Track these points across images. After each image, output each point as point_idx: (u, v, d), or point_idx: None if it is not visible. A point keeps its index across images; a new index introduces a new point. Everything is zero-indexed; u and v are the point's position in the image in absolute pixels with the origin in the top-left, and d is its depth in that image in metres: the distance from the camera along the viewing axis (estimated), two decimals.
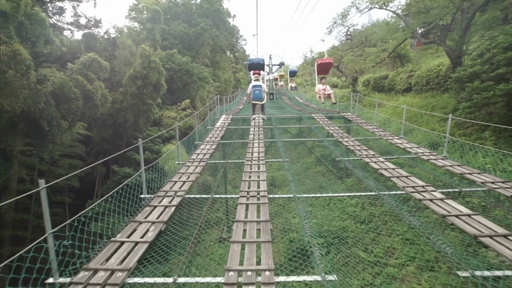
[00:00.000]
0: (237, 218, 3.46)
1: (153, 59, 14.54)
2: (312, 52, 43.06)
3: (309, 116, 11.77)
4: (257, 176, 4.99)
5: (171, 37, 24.77)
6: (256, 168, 5.41)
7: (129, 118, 14.91)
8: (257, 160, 5.96)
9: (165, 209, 3.72)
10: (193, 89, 24.51)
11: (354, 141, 7.63)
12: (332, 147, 8.26)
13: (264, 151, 6.89)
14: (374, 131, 8.68)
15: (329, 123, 10.03)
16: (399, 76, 18.09)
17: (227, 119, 11.16)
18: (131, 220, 3.42)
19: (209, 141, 7.88)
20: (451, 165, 5.29)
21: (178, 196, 4.20)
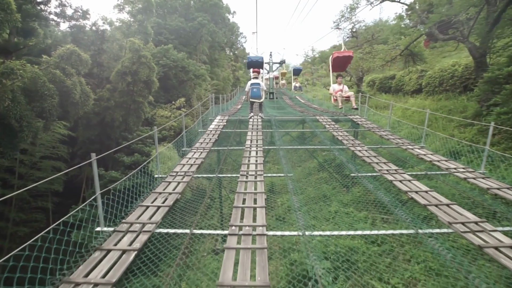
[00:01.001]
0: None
1: (143, 53, 13.37)
2: (314, 50, 41.93)
3: (313, 118, 10.64)
4: (253, 199, 3.87)
5: (166, 31, 23.55)
6: (252, 188, 4.28)
7: (117, 117, 13.76)
8: (254, 175, 4.83)
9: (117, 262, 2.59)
10: (189, 87, 23.34)
11: (368, 151, 6.51)
12: (341, 157, 7.16)
13: (263, 161, 5.76)
14: (389, 138, 7.56)
15: (336, 127, 8.90)
16: (408, 77, 16.99)
17: (223, 120, 10.02)
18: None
19: (198, 148, 6.74)
20: (498, 187, 4.18)
21: (144, 232, 3.07)
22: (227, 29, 41.97)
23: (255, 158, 5.84)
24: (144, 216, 3.41)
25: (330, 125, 9.24)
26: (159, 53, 20.78)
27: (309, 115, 11.50)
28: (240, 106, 18.22)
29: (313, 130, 8.95)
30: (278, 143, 7.35)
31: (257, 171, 5.00)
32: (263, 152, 6.26)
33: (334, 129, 8.75)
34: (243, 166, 5.35)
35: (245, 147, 6.79)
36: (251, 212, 3.45)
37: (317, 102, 21.97)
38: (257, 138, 7.70)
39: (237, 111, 14.68)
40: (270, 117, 10.85)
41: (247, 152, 6.24)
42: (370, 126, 9.20)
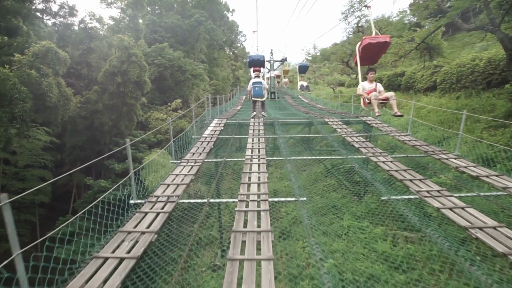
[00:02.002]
0: None
1: (133, 51, 12.27)
2: (316, 48, 40.76)
3: (321, 120, 9.51)
4: (255, 244, 2.74)
5: (162, 29, 22.45)
6: (254, 224, 3.15)
7: (107, 121, 12.68)
8: (256, 201, 3.71)
9: None
10: (187, 88, 22.23)
11: (394, 162, 5.37)
12: (353, 163, 6.04)
13: (267, 178, 4.65)
14: (414, 144, 6.41)
15: (349, 132, 7.76)
16: (419, 73, 15.80)
17: (219, 125, 8.91)
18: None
19: (189, 161, 5.63)
20: None
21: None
22: (226, 27, 40.84)
23: (257, 174, 4.72)
24: None
25: (342, 129, 8.10)
26: (153, 52, 19.67)
27: (316, 117, 10.37)
28: (240, 107, 17.09)
29: (322, 135, 7.80)
30: (285, 152, 6.21)
31: (261, 195, 3.87)
32: (266, 166, 5.13)
33: (347, 134, 7.60)
34: (242, 187, 4.23)
35: (245, 158, 5.67)
36: (253, 273, 2.31)
37: (321, 102, 20.83)
38: (259, 145, 6.57)
39: (237, 113, 13.56)
40: (273, 120, 9.73)
41: (248, 166, 5.12)
42: (388, 129, 8.04)
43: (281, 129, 8.94)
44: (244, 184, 4.32)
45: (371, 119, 9.51)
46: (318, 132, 9.14)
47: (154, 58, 19.51)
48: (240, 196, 3.85)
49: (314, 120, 9.61)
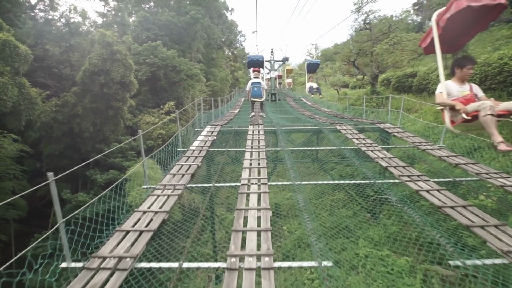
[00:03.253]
0: None
1: (117, 48, 10.87)
2: (317, 48, 39.46)
3: (332, 127, 8.13)
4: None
5: (155, 27, 21.09)
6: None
7: (87, 126, 11.28)
8: (254, 268, 2.32)
9: None
10: (182, 89, 20.87)
11: (442, 191, 3.97)
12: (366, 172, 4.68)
13: (270, 222, 3.25)
14: (458, 163, 5.01)
15: (369, 144, 6.38)
16: (434, 73, 14.44)
17: (212, 133, 7.52)
18: None
19: (167, 187, 4.25)
20: None
21: None
22: (225, 26, 39.56)
23: (255, 213, 3.32)
24: None
25: (359, 140, 6.71)
26: (146, 50, 18.31)
27: (324, 123, 8.99)
28: (238, 110, 15.70)
29: (336, 147, 6.40)
30: (293, 175, 4.83)
31: (262, 257, 2.47)
32: (268, 199, 3.74)
33: (367, 146, 6.21)
34: (234, 237, 2.83)
35: (240, 184, 4.28)
36: None
37: (325, 104, 19.46)
38: (259, 163, 5.18)
39: (234, 117, 12.18)
40: (275, 126, 8.35)
41: (243, 199, 3.72)
42: (414, 140, 6.64)
43: (284, 138, 7.54)
44: (237, 233, 2.91)
45: (390, 126, 8.13)
46: (329, 141, 7.77)
47: (146, 57, 18.15)
48: (231, 260, 2.44)
49: (323, 127, 8.22)
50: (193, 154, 5.81)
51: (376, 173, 5.38)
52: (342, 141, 7.84)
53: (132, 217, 3.38)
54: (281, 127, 8.41)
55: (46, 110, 10.58)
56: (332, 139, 7.09)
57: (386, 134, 8.02)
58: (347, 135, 7.27)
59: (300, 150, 6.92)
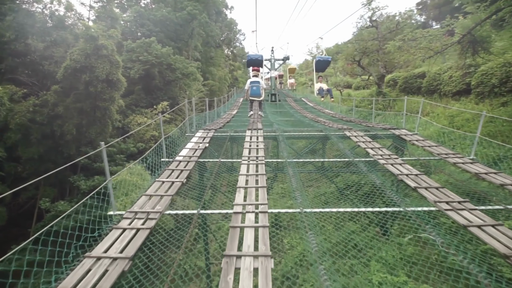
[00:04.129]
0: None
1: (102, 43, 9.85)
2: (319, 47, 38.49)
3: (340, 134, 7.17)
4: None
5: (150, 23, 20.04)
6: None
7: (70, 128, 10.26)
8: None
9: None
10: (179, 88, 19.87)
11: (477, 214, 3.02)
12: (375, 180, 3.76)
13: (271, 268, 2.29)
14: (505, 184, 4.04)
15: (388, 156, 5.41)
16: (447, 74, 13.51)
17: (204, 139, 6.55)
18: None
19: (137, 215, 3.29)
20: None
21: None
22: (224, 24, 38.57)
23: (250, 263, 2.36)
24: None
25: (374, 150, 5.75)
26: (139, 47, 17.30)
27: (330, 128, 8.02)
28: (236, 111, 14.70)
29: (349, 159, 5.42)
30: (300, 199, 3.88)
31: None
32: (269, 234, 2.78)
33: (384, 158, 5.24)
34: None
35: (232, 212, 3.31)
36: None
37: (328, 106, 18.50)
38: (257, 182, 4.21)
39: (231, 119, 11.20)
40: (276, 131, 7.39)
41: (235, 236, 2.75)
42: (440, 151, 5.67)
43: (287, 146, 6.57)
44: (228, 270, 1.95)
45: (407, 133, 7.17)
46: (338, 150, 6.81)
47: (139, 54, 17.15)
48: None
49: (331, 133, 7.26)
50: (179, 167, 4.82)
51: (393, 186, 4.43)
52: (351, 148, 6.89)
53: (80, 267, 2.41)
54: (283, 132, 7.45)
55: (21, 111, 9.58)
56: (342, 148, 6.12)
57: (400, 141, 7.07)
58: (359, 143, 6.31)
59: (306, 162, 5.94)
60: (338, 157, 6.14)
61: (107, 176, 3.48)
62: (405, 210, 3.53)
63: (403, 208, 3.56)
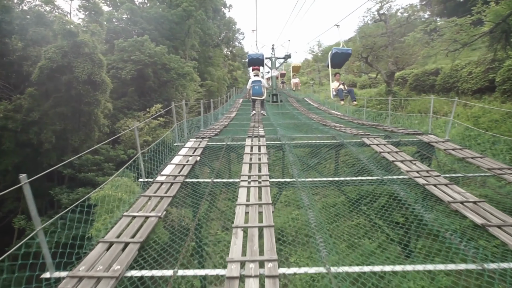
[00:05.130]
0: None
1: (82, 39, 8.72)
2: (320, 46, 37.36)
3: (358, 141, 6.05)
4: None
5: (143, 20, 18.94)
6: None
7: (47, 136, 9.16)
8: None
9: None
10: (175, 89, 18.77)
11: None
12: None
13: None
14: None
15: (426, 173, 4.27)
16: (465, 70, 12.34)
17: (196, 150, 5.44)
18: None
19: (95, 268, 2.14)
20: None
21: None
22: (222, 23, 37.50)
23: None
24: None
25: (405, 164, 4.61)
26: (131, 46, 16.20)
27: (345, 133, 6.89)
28: (235, 114, 13.56)
29: (379, 177, 4.27)
30: (324, 253, 2.71)
31: None
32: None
33: (423, 176, 4.10)
34: None
35: (227, 276, 2.18)
36: None
37: (332, 106, 17.36)
38: (261, 217, 3.09)
39: (229, 124, 10.08)
40: (281, 139, 6.25)
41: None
42: (492, 165, 4.51)
43: (295, 156, 5.44)
44: None
45: (437, 139, 6.03)
46: (354, 159, 5.68)
47: (131, 53, 16.04)
48: None
49: (347, 140, 6.12)
50: (158, 192, 3.70)
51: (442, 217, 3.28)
52: (369, 156, 5.75)
53: None
54: (290, 139, 6.32)
55: None
56: (365, 162, 4.96)
57: (427, 149, 5.93)
58: (383, 154, 5.16)
59: (324, 181, 4.78)
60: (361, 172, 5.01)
61: (35, 224, 2.35)
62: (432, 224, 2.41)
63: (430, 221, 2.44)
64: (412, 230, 4.30)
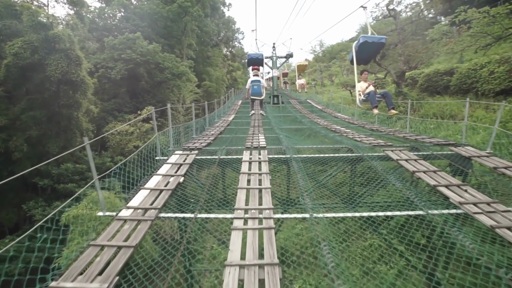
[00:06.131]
0: None
1: (55, 32, 7.58)
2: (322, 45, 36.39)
3: (381, 154, 4.93)
4: None
5: (136, 17, 17.85)
6: None
7: (18, 143, 8.04)
8: None
9: None
10: (170, 90, 17.66)
11: None
12: None
13: None
14: None
15: (487, 204, 3.13)
16: (486, 69, 11.23)
17: (180, 167, 4.34)
18: None
19: None
20: None
21: None
22: (221, 22, 36.43)
23: None
24: None
25: (452, 189, 3.49)
26: (122, 44, 15.12)
27: (364, 144, 5.78)
28: (233, 117, 12.39)
29: (424, 212, 3.14)
30: None
31: None
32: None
33: (478, 205, 2.99)
34: None
35: None
36: None
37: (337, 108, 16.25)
38: (256, 274, 1.97)
39: (226, 128, 8.96)
40: (286, 152, 5.14)
41: None
42: None
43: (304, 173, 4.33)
44: None
45: (478, 152, 4.92)
46: (376, 173, 4.56)
47: (121, 52, 14.94)
48: None
49: (364, 151, 5.01)
50: (116, 238, 2.58)
51: None
52: (391, 168, 4.62)
53: None
54: (296, 150, 5.20)
55: None
56: (395, 183, 3.84)
57: (462, 161, 4.81)
58: (418, 174, 4.03)
59: (350, 217, 3.66)
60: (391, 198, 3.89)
61: None
62: None
63: None
64: (438, 255, 3.26)
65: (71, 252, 6.31)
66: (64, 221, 6.63)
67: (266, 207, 3.09)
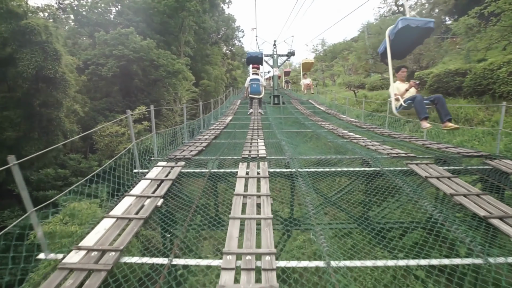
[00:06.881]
0: None
1: (27, 22, 6.71)
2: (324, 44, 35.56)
3: (404, 168, 4.11)
4: None
5: (130, 11, 16.99)
6: None
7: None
8: None
9: None
10: (165, 89, 16.82)
11: None
12: None
13: None
14: None
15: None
16: (503, 70, 10.42)
17: (161, 184, 3.51)
18: None
19: None
20: None
21: None
22: (220, 19, 35.56)
23: None
24: None
25: (506, 222, 2.67)
26: (114, 39, 14.26)
27: (375, 151, 4.96)
28: (230, 119, 11.51)
29: (483, 261, 2.32)
30: None
31: None
32: None
33: None
34: None
35: None
36: None
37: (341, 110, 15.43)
38: None
39: (222, 132, 8.13)
40: (290, 166, 4.31)
41: None
42: None
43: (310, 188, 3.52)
44: None
45: (509, 162, 4.11)
46: (400, 193, 3.72)
47: (113, 47, 14.08)
48: None
49: (385, 167, 4.18)
50: (79, 275, 1.76)
51: None
52: (415, 186, 3.78)
53: None
54: (302, 163, 4.38)
55: None
56: (438, 218, 3.00)
57: (498, 177, 4.00)
58: (458, 198, 3.21)
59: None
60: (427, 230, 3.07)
61: None
62: None
63: None
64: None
65: (36, 276, 5.47)
66: (32, 239, 5.82)
67: (267, 251, 2.26)
